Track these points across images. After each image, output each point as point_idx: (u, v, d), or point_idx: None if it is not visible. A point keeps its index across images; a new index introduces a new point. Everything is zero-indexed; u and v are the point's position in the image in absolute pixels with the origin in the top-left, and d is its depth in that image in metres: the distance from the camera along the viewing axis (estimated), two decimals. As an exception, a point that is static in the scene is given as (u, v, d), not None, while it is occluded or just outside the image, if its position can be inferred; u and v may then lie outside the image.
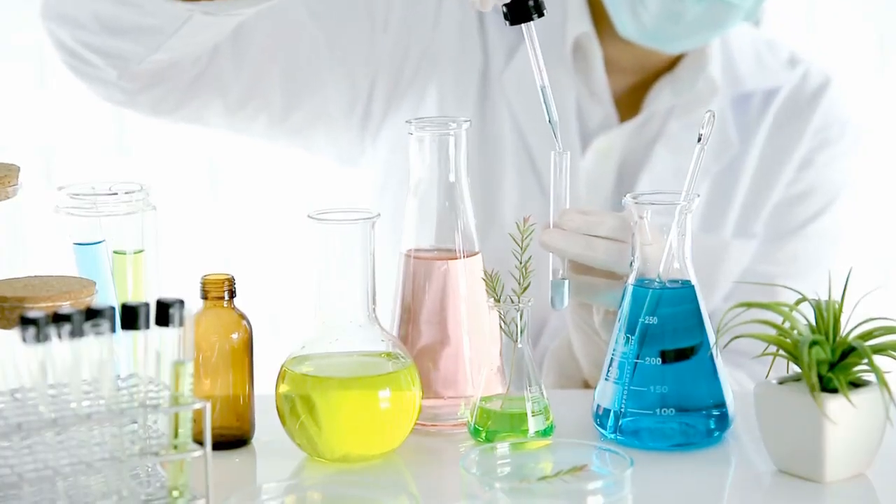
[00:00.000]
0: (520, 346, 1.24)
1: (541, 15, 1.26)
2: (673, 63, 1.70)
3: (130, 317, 1.06)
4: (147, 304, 1.06)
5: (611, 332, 1.26)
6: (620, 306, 1.25)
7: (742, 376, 1.56)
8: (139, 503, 1.06)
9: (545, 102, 1.29)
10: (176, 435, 1.06)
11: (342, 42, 1.66)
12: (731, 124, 1.70)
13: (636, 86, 1.70)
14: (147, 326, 1.06)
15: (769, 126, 1.71)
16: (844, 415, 1.12)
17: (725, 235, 1.70)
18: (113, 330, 1.04)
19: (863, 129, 1.75)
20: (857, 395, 1.12)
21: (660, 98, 1.68)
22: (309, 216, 1.20)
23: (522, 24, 1.26)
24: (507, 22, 1.26)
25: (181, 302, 1.07)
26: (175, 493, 1.06)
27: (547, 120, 1.29)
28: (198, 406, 1.06)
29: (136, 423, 1.06)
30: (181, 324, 1.06)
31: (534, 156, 1.67)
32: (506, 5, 1.25)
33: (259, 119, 1.67)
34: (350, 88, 1.68)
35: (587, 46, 1.67)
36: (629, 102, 1.71)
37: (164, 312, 1.06)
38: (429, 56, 1.69)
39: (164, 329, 1.06)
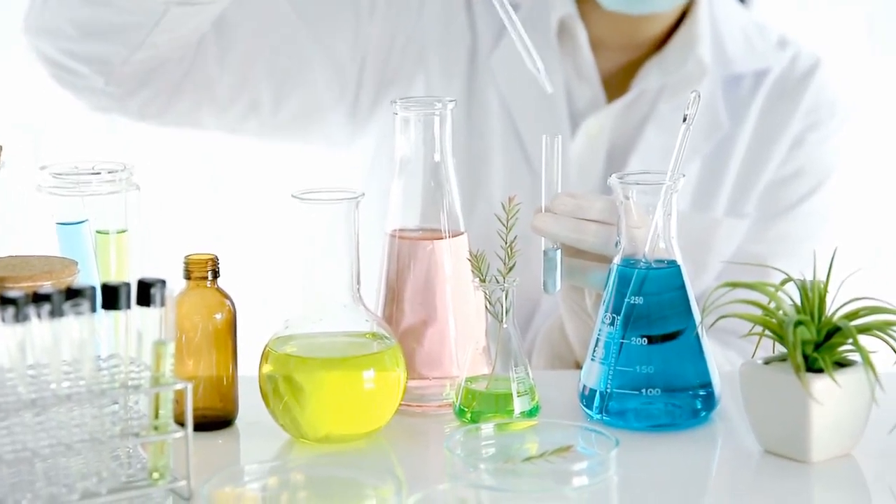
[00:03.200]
0: (505, 326, 1.23)
1: None
2: (661, 43, 1.69)
3: (111, 297, 1.05)
4: (128, 284, 1.05)
5: None
6: (606, 286, 1.25)
7: (732, 355, 1.56)
8: (119, 484, 1.05)
9: (526, 49, 1.28)
10: (156, 416, 1.06)
11: (327, 33, 1.66)
12: (721, 105, 1.69)
13: (624, 67, 1.70)
14: (128, 306, 1.05)
15: (760, 107, 1.71)
16: (830, 395, 1.11)
17: (717, 214, 1.69)
18: (93, 310, 1.03)
19: (852, 110, 1.75)
20: (843, 375, 1.12)
21: (648, 78, 1.68)
22: (293, 196, 1.20)
23: None
24: None
25: (162, 282, 1.06)
26: (155, 475, 1.06)
27: (530, 67, 1.28)
28: (179, 387, 1.06)
29: (116, 403, 1.06)
30: (162, 304, 1.06)
31: (522, 137, 1.67)
32: None
33: (250, 116, 1.67)
34: (338, 78, 1.67)
35: (572, 27, 1.66)
36: (617, 83, 1.70)
37: (146, 292, 1.06)
38: (415, 41, 1.68)
39: (145, 309, 1.06)
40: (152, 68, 1.54)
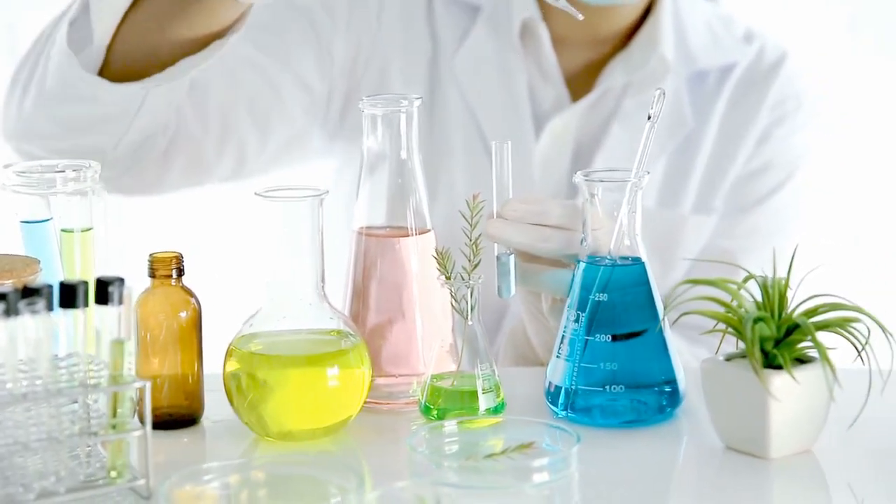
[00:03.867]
0: (470, 323, 1.23)
1: None
2: (625, 41, 1.69)
3: (69, 295, 1.05)
4: (85, 283, 1.05)
5: (559, 319, 1.26)
6: (572, 283, 1.25)
7: (702, 351, 1.56)
8: (77, 484, 1.06)
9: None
10: (114, 414, 1.06)
11: (294, 59, 1.65)
12: (686, 102, 1.69)
13: (588, 65, 1.70)
14: (86, 305, 1.05)
15: (726, 102, 1.71)
16: (788, 391, 1.11)
17: (684, 211, 1.69)
18: (50, 308, 1.04)
19: (820, 103, 1.75)
20: (802, 372, 1.12)
21: (612, 76, 1.68)
22: (257, 193, 1.20)
23: None
24: None
25: (121, 280, 1.06)
26: (113, 474, 1.06)
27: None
28: (137, 385, 1.06)
29: (76, 402, 1.06)
30: (120, 302, 1.06)
31: (486, 139, 1.67)
32: None
33: (240, 162, 1.66)
34: (312, 100, 1.67)
35: (534, 27, 1.66)
36: (582, 82, 1.70)
37: (104, 291, 1.06)
38: (377, 50, 1.68)
39: (103, 307, 1.06)
40: (140, 145, 1.53)
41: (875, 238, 2.61)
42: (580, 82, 1.70)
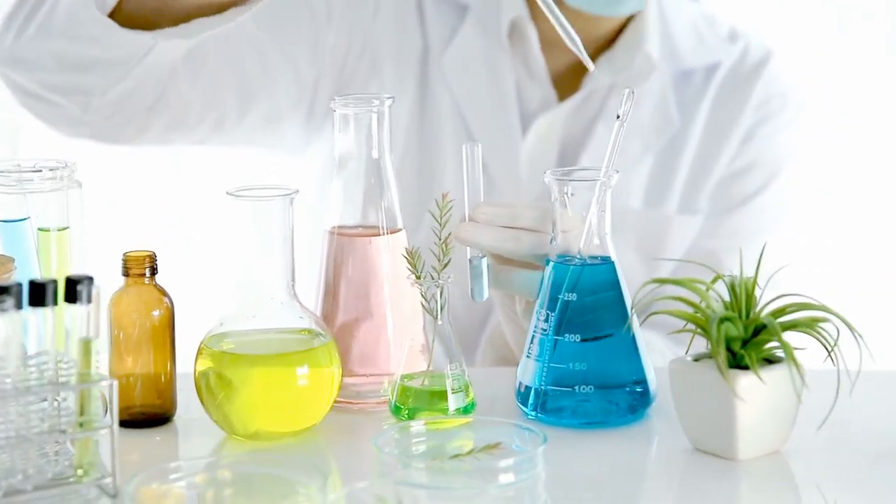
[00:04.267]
0: (440, 322, 1.24)
1: None
2: (610, 41, 1.70)
3: (38, 294, 1.06)
4: (55, 282, 1.06)
5: None
6: (541, 283, 1.25)
7: (681, 351, 1.56)
8: (45, 481, 1.06)
9: (562, 31, 1.28)
10: (82, 412, 1.06)
11: (287, 42, 1.66)
12: (671, 101, 1.70)
13: (574, 66, 1.70)
14: (55, 303, 1.06)
15: (711, 102, 1.71)
16: (755, 392, 1.12)
17: (669, 211, 1.70)
18: (19, 307, 1.04)
19: (805, 103, 1.75)
20: (769, 372, 1.12)
21: (598, 76, 1.68)
22: (228, 193, 1.20)
23: None
24: None
25: (90, 279, 1.07)
26: (80, 472, 1.06)
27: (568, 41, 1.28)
28: (104, 383, 1.06)
29: (45, 400, 1.06)
30: (90, 301, 1.06)
31: (473, 137, 1.67)
32: None
33: (216, 130, 1.66)
34: (296, 86, 1.67)
35: (523, 27, 1.67)
36: (568, 82, 1.71)
37: (73, 289, 1.06)
38: (370, 46, 1.68)
39: (73, 306, 1.07)
40: (128, 95, 1.53)
41: (865, 237, 2.61)
42: (566, 82, 1.70)
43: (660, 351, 1.52)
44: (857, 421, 1.21)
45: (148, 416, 1.24)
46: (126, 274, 1.23)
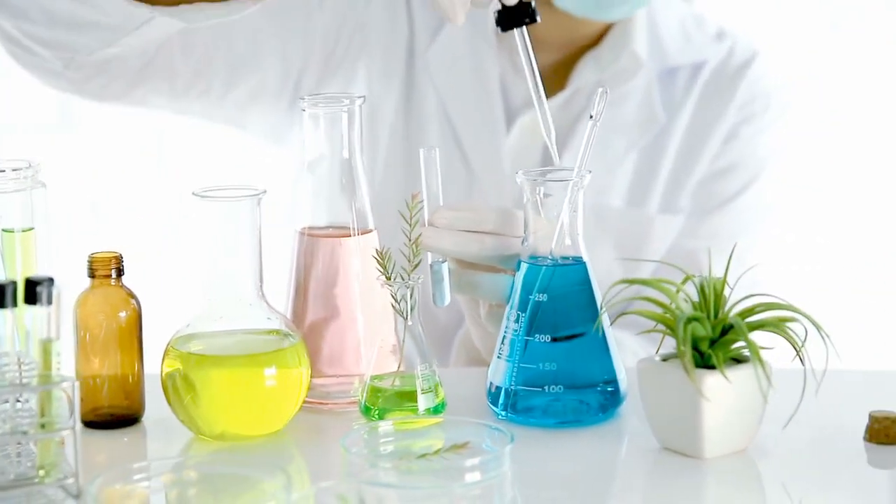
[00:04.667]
0: (410, 323, 1.23)
1: (533, 20, 1.23)
2: (597, 39, 1.69)
3: (-3, 295, 1.05)
4: (14, 283, 1.05)
5: (497, 325, 1.26)
6: (513, 284, 1.25)
7: (654, 351, 1.55)
8: (7, 482, 1.05)
9: (542, 120, 1.27)
10: (43, 413, 1.06)
11: (279, 20, 1.65)
12: (657, 99, 1.69)
13: (561, 62, 1.70)
14: (14, 305, 1.05)
15: (695, 100, 1.70)
16: (721, 391, 1.11)
17: (651, 210, 1.69)
18: (-22, 308, 1.04)
19: (789, 104, 1.74)
20: (735, 372, 1.12)
21: (584, 74, 1.67)
22: (194, 193, 1.20)
23: (515, 31, 1.24)
24: (499, 28, 1.24)
25: (50, 280, 1.06)
26: (42, 472, 1.06)
27: (545, 136, 1.28)
28: (65, 385, 1.06)
29: (6, 402, 1.06)
30: (49, 302, 1.06)
31: (458, 133, 1.66)
32: (497, 11, 1.23)
33: (201, 100, 1.66)
34: (283, 66, 1.67)
35: None
36: (554, 79, 1.70)
37: (33, 291, 1.06)
38: (359, 34, 1.68)
39: (33, 307, 1.06)
40: (114, 58, 1.52)
41: (852, 236, 2.61)
42: (553, 79, 1.70)
43: (633, 351, 1.52)
44: (823, 420, 1.20)
45: (116, 417, 1.24)
46: (92, 275, 1.23)
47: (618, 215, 1.69)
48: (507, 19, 1.23)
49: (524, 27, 1.25)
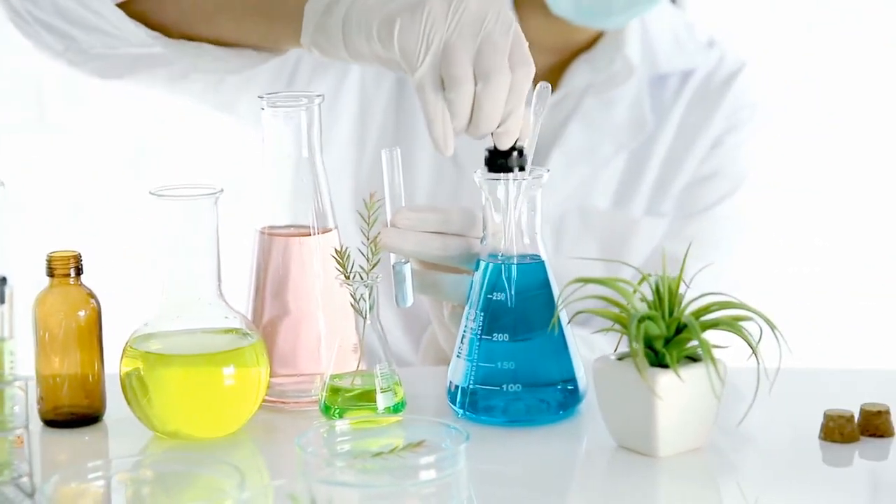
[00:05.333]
0: (369, 322, 1.23)
1: (522, 170, 1.22)
2: (591, 43, 1.70)
3: (-49, 294, 1.05)
4: (-33, 282, 1.06)
5: (459, 325, 1.26)
6: (471, 283, 1.25)
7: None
8: (-39, 481, 1.06)
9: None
10: (-3, 413, 1.06)
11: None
12: (646, 104, 1.70)
13: (554, 66, 1.70)
14: (-33, 303, 1.06)
15: (684, 107, 1.72)
16: (674, 390, 1.12)
17: (636, 213, 1.70)
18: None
19: (774, 115, 1.75)
20: (688, 370, 1.12)
21: (576, 77, 1.69)
22: (151, 193, 1.20)
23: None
24: (486, 168, 1.23)
25: (3, 279, 1.06)
26: (-5, 472, 1.06)
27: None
28: (18, 383, 1.06)
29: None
30: (3, 301, 1.06)
31: None
32: (489, 150, 1.23)
33: (197, 85, 1.65)
34: (276, 61, 1.66)
35: None
36: (546, 80, 1.70)
37: (-14, 290, 1.06)
38: None
39: (-13, 307, 1.06)
40: (113, 49, 1.51)
41: (843, 238, 2.62)
42: (545, 80, 1.70)
43: (601, 349, 1.52)
44: (779, 418, 1.21)
45: (77, 416, 1.24)
46: (51, 274, 1.23)
47: (603, 216, 1.70)
48: (497, 163, 1.22)
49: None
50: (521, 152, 1.22)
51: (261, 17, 1.33)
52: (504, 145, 1.21)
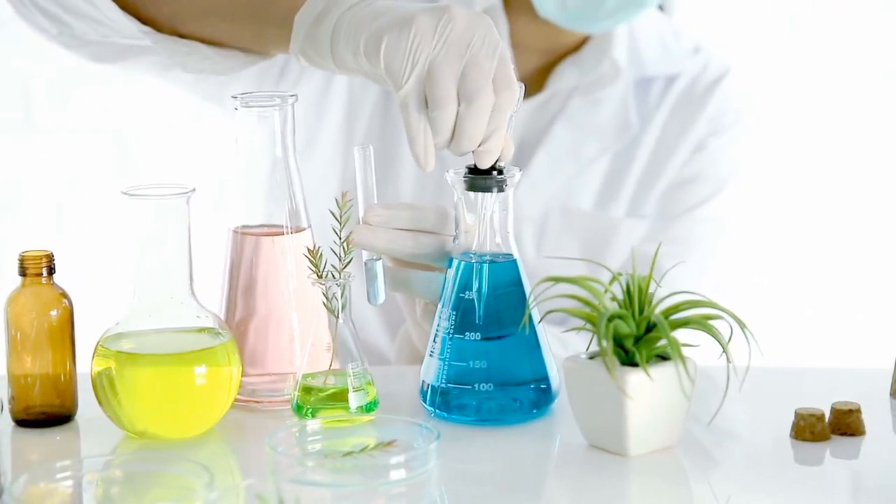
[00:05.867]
0: (341, 321, 1.23)
1: (501, 191, 1.22)
2: (578, 45, 1.71)
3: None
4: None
5: (432, 323, 1.26)
6: (444, 282, 1.25)
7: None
8: (-70, 481, 1.06)
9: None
10: (-36, 412, 1.06)
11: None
12: (632, 107, 1.71)
13: (541, 68, 1.71)
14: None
15: (668, 110, 1.72)
16: (644, 389, 1.12)
17: (618, 214, 1.70)
18: None
19: (758, 120, 1.76)
20: (658, 369, 1.12)
21: (563, 78, 1.69)
22: (122, 192, 1.20)
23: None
24: (465, 185, 1.23)
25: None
26: (-39, 471, 1.06)
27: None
28: (-14, 383, 1.06)
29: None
30: (-28, 300, 1.06)
31: None
32: (469, 168, 1.23)
33: (187, 76, 1.65)
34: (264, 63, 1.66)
35: (495, 19, 1.67)
36: (534, 83, 1.71)
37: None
38: None
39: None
40: (106, 38, 1.51)
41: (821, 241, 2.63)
42: (532, 82, 1.71)
43: (575, 348, 1.52)
44: (750, 417, 1.21)
45: (48, 415, 1.24)
46: (23, 274, 1.23)
47: (586, 217, 1.70)
48: (476, 184, 1.22)
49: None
50: (500, 171, 1.22)
51: (252, 21, 1.33)
52: (484, 164, 1.21)
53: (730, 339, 1.13)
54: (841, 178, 2.62)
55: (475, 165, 1.22)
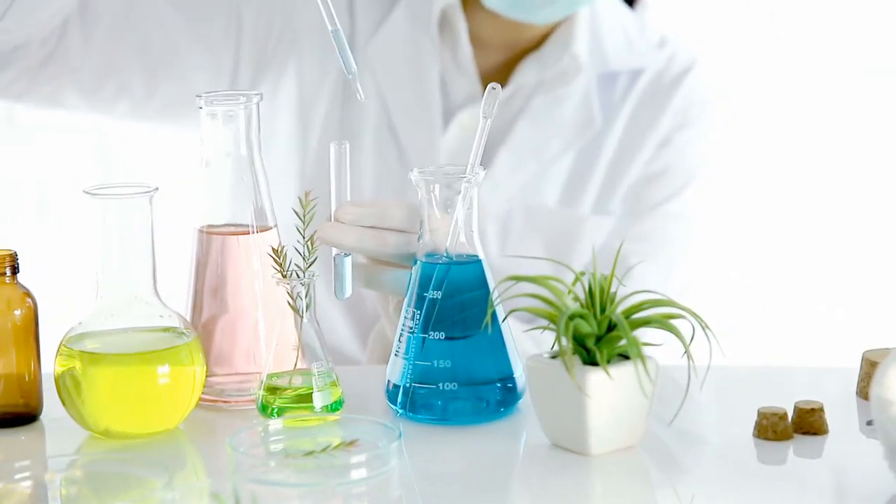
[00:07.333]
0: (306, 321, 1.23)
1: None
2: (540, 41, 1.70)
3: None
4: None
5: None
6: (409, 281, 1.25)
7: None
8: None
9: (339, 50, 1.27)
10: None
11: (199, 15, 1.65)
12: (595, 102, 1.70)
13: (503, 64, 1.71)
14: None
15: (633, 105, 1.72)
16: (605, 388, 1.11)
17: (583, 211, 1.70)
18: None
19: (724, 114, 1.75)
20: (619, 369, 1.12)
21: (525, 74, 1.69)
22: (84, 191, 1.19)
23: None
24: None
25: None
26: (-80, 471, 1.06)
27: (345, 72, 1.27)
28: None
29: None
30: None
31: (396, 128, 1.67)
32: None
33: (121, 100, 1.65)
34: (213, 64, 1.66)
35: (453, 20, 1.67)
36: (496, 79, 1.71)
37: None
38: (292, 27, 1.67)
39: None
40: (11, 50, 1.51)
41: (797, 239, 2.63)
42: (494, 78, 1.70)
43: (548, 347, 1.52)
44: (713, 416, 1.21)
45: (12, 415, 1.23)
46: (-14, 273, 1.22)
47: (550, 215, 1.69)
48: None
49: None
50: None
51: None
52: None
53: (692, 339, 1.12)
54: (815, 178, 2.62)
55: None
